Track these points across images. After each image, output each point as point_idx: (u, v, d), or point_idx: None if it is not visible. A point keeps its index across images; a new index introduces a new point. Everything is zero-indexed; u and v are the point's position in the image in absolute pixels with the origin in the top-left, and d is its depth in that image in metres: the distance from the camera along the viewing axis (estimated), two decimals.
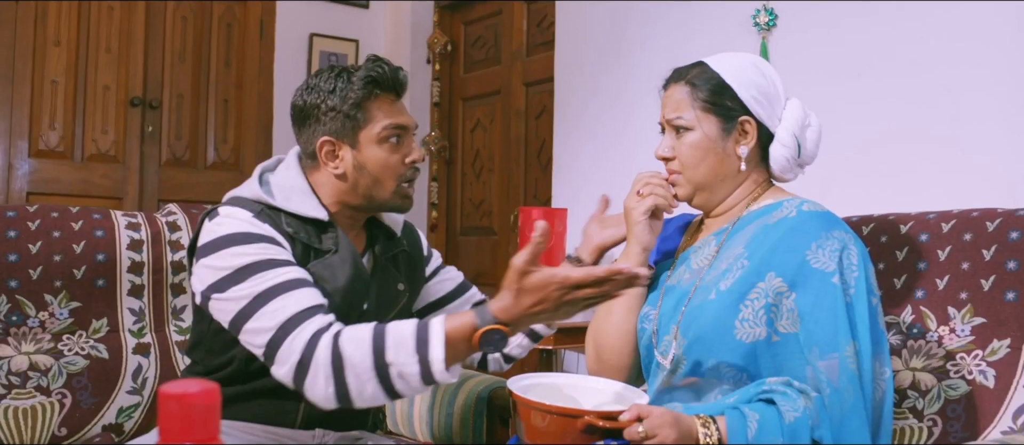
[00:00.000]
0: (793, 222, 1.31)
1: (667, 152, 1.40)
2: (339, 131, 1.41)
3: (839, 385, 1.18)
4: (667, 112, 1.40)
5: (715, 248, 1.38)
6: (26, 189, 3.51)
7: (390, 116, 1.43)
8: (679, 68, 1.42)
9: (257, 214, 1.37)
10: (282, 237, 1.36)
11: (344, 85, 1.41)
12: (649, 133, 2.84)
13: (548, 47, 3.50)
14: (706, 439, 1.16)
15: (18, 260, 1.75)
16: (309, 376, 1.21)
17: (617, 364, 1.46)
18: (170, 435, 0.63)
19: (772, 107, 1.37)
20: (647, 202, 1.40)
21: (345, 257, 1.41)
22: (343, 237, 1.43)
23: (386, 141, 1.42)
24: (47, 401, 1.71)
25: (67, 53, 3.56)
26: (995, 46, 1.89)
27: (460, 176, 4.21)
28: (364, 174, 1.42)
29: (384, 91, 1.43)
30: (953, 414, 1.39)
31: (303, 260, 1.38)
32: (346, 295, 1.39)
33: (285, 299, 1.26)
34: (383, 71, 1.42)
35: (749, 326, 1.26)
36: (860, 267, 1.25)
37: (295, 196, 1.42)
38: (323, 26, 4.30)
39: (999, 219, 1.43)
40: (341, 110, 1.40)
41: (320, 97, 1.41)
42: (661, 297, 1.41)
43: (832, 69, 2.18)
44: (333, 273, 1.39)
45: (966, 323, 1.42)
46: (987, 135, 1.90)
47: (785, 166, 1.38)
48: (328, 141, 1.42)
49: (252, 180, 1.45)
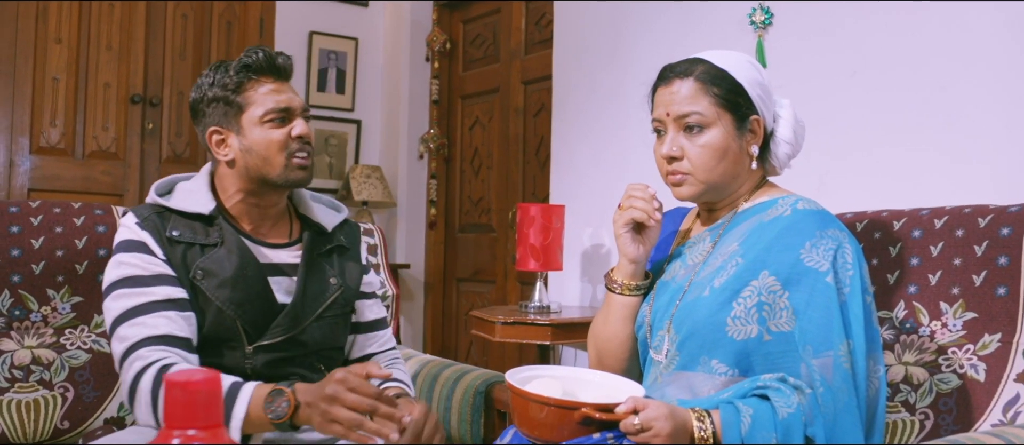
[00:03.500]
0: (788, 220, 1.31)
1: (675, 151, 1.35)
2: (222, 119, 1.48)
3: (833, 383, 1.19)
4: (673, 109, 1.35)
5: (710, 244, 1.39)
6: (27, 186, 3.52)
7: (271, 99, 1.47)
8: (674, 65, 1.39)
9: (142, 221, 1.44)
10: (158, 245, 1.42)
11: (222, 76, 1.48)
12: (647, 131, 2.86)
13: (546, 45, 3.52)
14: (701, 432, 1.17)
15: (20, 255, 1.77)
16: (135, 404, 1.33)
17: (617, 367, 1.47)
18: (175, 421, 0.65)
19: (770, 104, 1.39)
20: (625, 216, 1.40)
21: (231, 248, 1.45)
22: (228, 229, 1.47)
23: (270, 122, 1.47)
24: (49, 394, 1.73)
25: (68, 50, 3.57)
26: (989, 44, 1.91)
27: (459, 173, 4.22)
28: (252, 155, 1.47)
29: (260, 75, 1.48)
30: (945, 407, 1.41)
31: (186, 259, 1.43)
32: (237, 284, 1.43)
33: (136, 325, 1.36)
34: (257, 56, 1.48)
35: (741, 324, 1.26)
36: (855, 265, 1.25)
37: (189, 195, 1.49)
38: (322, 24, 4.31)
39: (991, 215, 1.45)
40: (221, 99, 1.47)
41: (202, 91, 1.49)
42: (655, 293, 1.42)
43: (827, 68, 2.20)
44: (220, 265, 1.43)
45: (958, 318, 1.44)
46: (981, 132, 1.92)
47: (785, 162, 1.40)
48: (215, 131, 1.48)
49: (151, 191, 1.52)
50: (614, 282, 1.44)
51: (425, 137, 4.27)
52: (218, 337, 1.44)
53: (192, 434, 0.64)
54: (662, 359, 1.36)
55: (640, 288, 1.43)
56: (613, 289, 1.44)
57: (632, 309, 1.44)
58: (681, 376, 1.32)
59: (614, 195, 2.96)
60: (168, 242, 1.43)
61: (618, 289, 1.44)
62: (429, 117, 4.34)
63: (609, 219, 2.99)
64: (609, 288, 1.45)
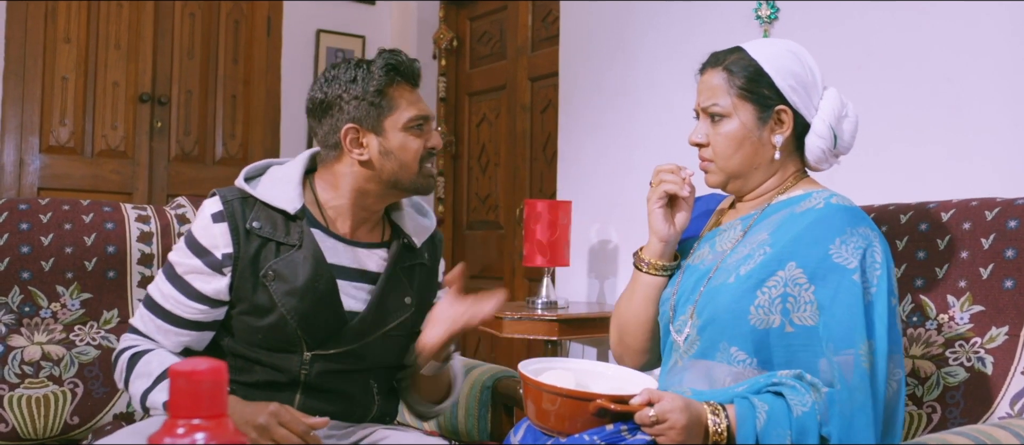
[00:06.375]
0: (819, 214, 1.30)
1: (701, 138, 1.38)
2: (363, 118, 1.44)
3: (851, 382, 1.18)
4: (702, 99, 1.38)
5: (741, 232, 1.38)
6: (37, 184, 3.55)
7: (414, 106, 1.46)
8: (717, 52, 1.40)
9: (224, 206, 1.43)
10: (232, 238, 1.42)
11: (365, 74, 1.44)
12: (653, 126, 2.87)
13: (553, 42, 3.52)
14: (715, 426, 1.17)
15: (30, 252, 1.78)
16: (115, 372, 1.47)
17: (638, 347, 1.48)
18: (180, 411, 0.65)
19: (809, 96, 1.35)
20: (659, 190, 1.40)
21: (307, 254, 1.43)
22: (309, 234, 1.44)
23: (411, 129, 1.45)
24: (59, 390, 1.74)
25: (77, 50, 3.59)
26: (995, 38, 1.90)
27: (466, 170, 4.22)
28: (390, 159, 1.45)
29: (403, 79, 1.47)
30: (952, 401, 1.40)
31: (260, 255, 1.42)
32: (306, 295, 1.41)
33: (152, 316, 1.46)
34: (401, 60, 1.46)
35: (763, 312, 1.26)
36: (883, 266, 1.24)
37: (277, 186, 1.46)
38: (330, 22, 4.32)
39: (998, 208, 1.44)
40: (364, 98, 1.43)
41: (342, 87, 1.44)
42: (681, 275, 1.42)
43: (833, 62, 2.19)
44: (293, 271, 1.41)
45: (965, 311, 1.43)
46: (987, 126, 1.91)
47: (820, 157, 1.37)
48: (352, 128, 1.44)
49: (239, 177, 1.50)
50: (642, 261, 1.45)
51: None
52: (277, 338, 1.43)
53: (197, 423, 0.65)
54: (681, 342, 1.35)
55: (667, 269, 1.43)
56: (640, 267, 1.45)
57: (657, 290, 1.44)
58: (699, 363, 1.32)
59: (620, 191, 2.97)
60: (245, 234, 1.42)
61: (645, 268, 1.44)
62: (437, 114, 4.34)
63: (616, 215, 3.00)
64: (636, 266, 1.46)
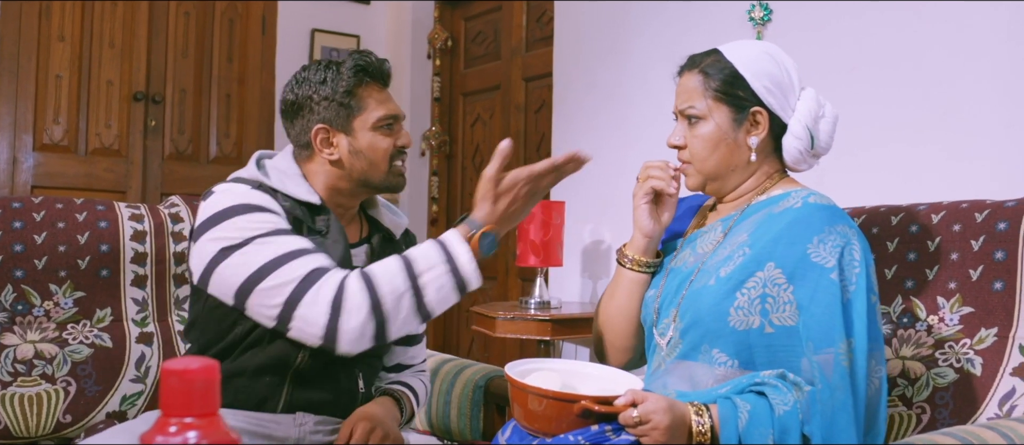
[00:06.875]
0: (797, 213, 1.31)
1: (679, 141, 1.40)
2: (333, 119, 1.47)
3: (832, 380, 1.18)
4: (679, 101, 1.40)
5: (721, 234, 1.38)
6: (30, 183, 3.54)
7: (383, 106, 1.49)
8: (694, 55, 1.41)
9: (255, 188, 1.42)
10: (277, 208, 1.40)
11: (334, 75, 1.47)
12: (646, 127, 2.87)
13: (547, 43, 3.52)
14: (699, 426, 1.17)
15: (23, 250, 1.78)
16: (343, 313, 1.26)
17: (621, 345, 1.48)
18: (172, 409, 0.65)
19: (785, 97, 1.36)
20: (645, 186, 1.41)
21: (336, 239, 1.45)
22: (335, 221, 1.47)
23: (380, 128, 1.48)
24: (52, 389, 1.74)
25: (71, 48, 3.58)
26: (988, 40, 1.91)
27: (460, 170, 4.23)
28: (360, 158, 1.48)
29: (372, 79, 1.49)
30: (941, 401, 1.41)
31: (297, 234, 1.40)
32: None
33: (301, 260, 1.30)
34: (370, 60, 1.49)
35: (743, 314, 1.26)
36: (862, 264, 1.24)
37: (289, 180, 1.47)
38: (324, 22, 4.31)
39: (988, 210, 1.45)
40: (333, 99, 1.46)
41: (312, 88, 1.48)
42: (664, 278, 1.43)
43: (826, 63, 2.20)
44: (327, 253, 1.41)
45: (955, 312, 1.44)
46: (980, 128, 1.92)
47: (797, 157, 1.38)
48: (322, 128, 1.47)
49: (250, 163, 1.51)
50: (625, 256, 1.46)
51: (427, 134, 4.27)
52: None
53: (189, 422, 0.65)
54: (664, 344, 1.36)
55: (650, 266, 1.44)
56: (623, 263, 1.46)
57: (640, 286, 1.45)
58: (682, 365, 1.33)
59: (614, 192, 2.98)
60: (283, 209, 1.41)
61: (628, 264, 1.45)
62: (431, 114, 4.34)
63: (609, 215, 3.01)
64: (619, 262, 1.47)
